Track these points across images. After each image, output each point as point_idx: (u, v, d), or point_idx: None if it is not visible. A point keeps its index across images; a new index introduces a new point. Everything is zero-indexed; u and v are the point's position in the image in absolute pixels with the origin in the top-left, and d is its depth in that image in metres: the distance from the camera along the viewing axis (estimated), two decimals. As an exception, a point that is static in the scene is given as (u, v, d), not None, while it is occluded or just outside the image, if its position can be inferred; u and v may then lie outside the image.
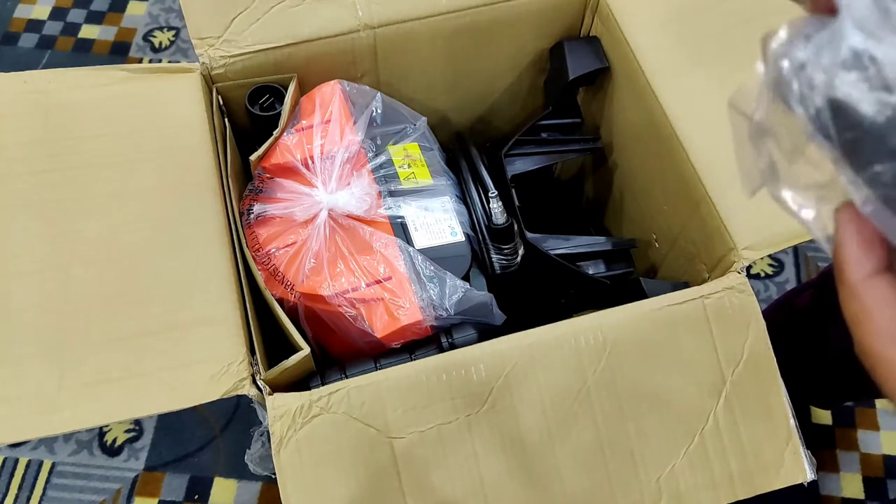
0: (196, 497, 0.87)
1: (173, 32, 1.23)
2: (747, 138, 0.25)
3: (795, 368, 0.70)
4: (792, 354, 0.71)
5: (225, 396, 0.44)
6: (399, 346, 0.51)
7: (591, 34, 0.66)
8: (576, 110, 0.71)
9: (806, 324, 0.73)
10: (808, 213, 0.24)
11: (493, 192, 0.58)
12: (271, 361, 0.47)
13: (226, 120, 0.58)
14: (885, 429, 0.95)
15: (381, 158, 0.56)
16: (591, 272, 0.61)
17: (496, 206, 0.57)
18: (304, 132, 0.56)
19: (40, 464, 0.88)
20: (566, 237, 0.61)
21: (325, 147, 0.55)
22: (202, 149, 0.53)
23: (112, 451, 0.89)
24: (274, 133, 0.56)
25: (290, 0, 0.57)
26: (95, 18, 1.25)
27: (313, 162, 0.54)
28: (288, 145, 0.55)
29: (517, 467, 0.44)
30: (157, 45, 1.22)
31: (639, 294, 0.53)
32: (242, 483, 0.88)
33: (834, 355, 0.68)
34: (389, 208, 0.54)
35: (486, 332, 0.49)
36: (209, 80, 0.57)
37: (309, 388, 0.45)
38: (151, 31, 1.23)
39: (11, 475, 0.88)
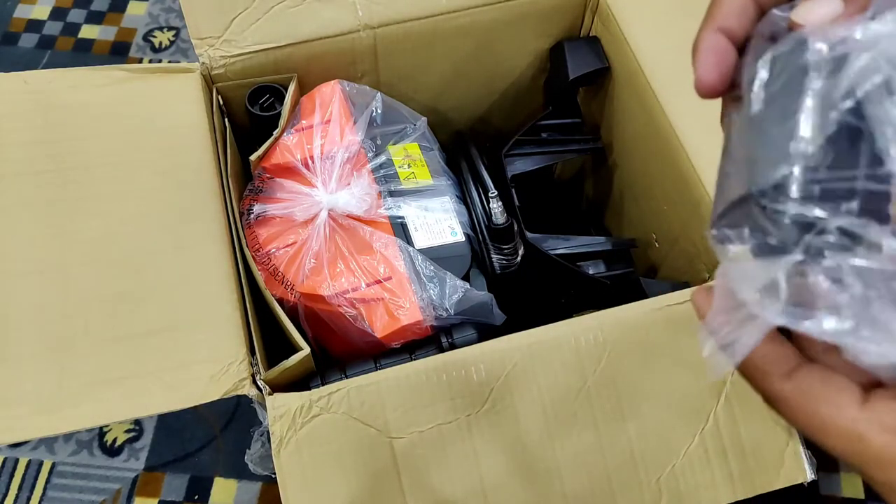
0: (196, 497, 0.87)
1: (173, 32, 1.23)
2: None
3: None
4: None
5: (225, 396, 0.44)
6: (399, 346, 0.51)
7: (591, 34, 0.66)
8: (576, 110, 0.71)
9: None
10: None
11: (493, 192, 0.58)
12: (271, 361, 0.47)
13: (226, 120, 0.58)
14: (885, 429, 0.95)
15: (381, 158, 0.56)
16: (591, 272, 0.61)
17: (496, 206, 0.57)
18: (304, 132, 0.56)
19: (40, 464, 0.88)
20: (566, 237, 0.61)
21: (325, 147, 0.55)
22: (202, 149, 0.53)
23: (112, 451, 0.89)
24: (274, 133, 0.56)
25: (290, 0, 0.57)
26: (95, 18, 1.24)
27: (313, 162, 0.54)
28: (288, 145, 0.55)
29: (517, 467, 0.44)
30: (157, 45, 1.22)
31: (639, 294, 0.53)
32: (242, 483, 0.88)
33: None
34: (389, 208, 0.54)
35: (486, 332, 0.49)
36: (209, 80, 0.57)
37: (309, 388, 0.45)
38: (151, 31, 1.23)
39: (11, 475, 0.87)
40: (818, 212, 0.19)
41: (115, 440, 0.90)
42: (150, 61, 1.21)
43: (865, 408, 0.20)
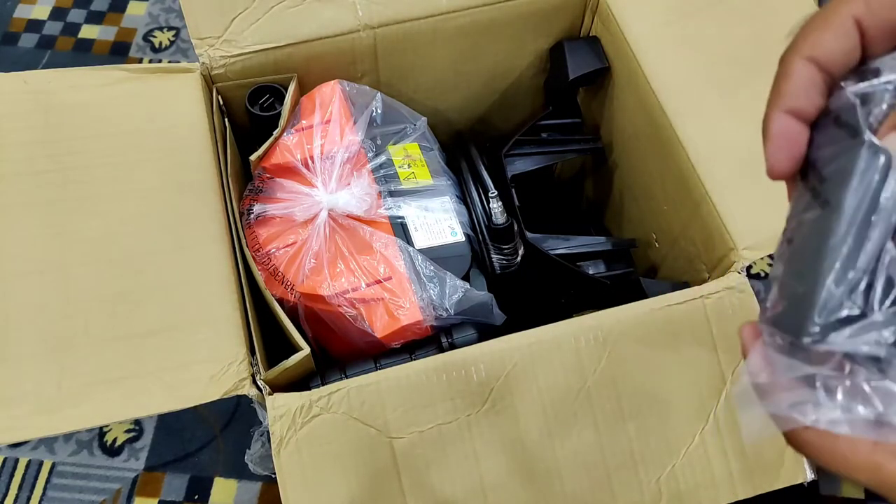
0: (196, 497, 0.87)
1: (173, 32, 1.23)
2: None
3: None
4: None
5: (225, 396, 0.44)
6: (399, 346, 0.51)
7: (591, 34, 0.66)
8: (576, 110, 0.70)
9: None
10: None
11: (493, 192, 0.58)
12: (271, 361, 0.47)
13: (226, 120, 0.58)
14: (885, 429, 0.95)
15: (381, 158, 0.56)
16: (591, 272, 0.61)
17: (496, 206, 0.57)
18: (304, 132, 0.56)
19: (40, 464, 0.88)
20: (566, 237, 0.61)
21: (325, 147, 0.55)
22: (202, 149, 0.53)
23: (112, 451, 0.89)
24: (274, 133, 0.56)
25: (290, 0, 0.57)
26: (95, 18, 1.24)
27: (313, 162, 0.54)
28: (288, 145, 0.55)
29: (517, 467, 0.44)
30: (157, 45, 1.22)
31: (639, 294, 0.53)
32: (242, 483, 0.88)
33: None
34: (389, 208, 0.54)
35: (486, 332, 0.49)
36: (209, 80, 0.57)
37: (309, 388, 0.45)
38: (151, 31, 1.23)
39: (11, 475, 0.87)
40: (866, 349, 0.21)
41: (115, 440, 0.90)
42: (150, 61, 1.21)
43: (878, 441, 0.22)
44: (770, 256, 0.97)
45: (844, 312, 0.21)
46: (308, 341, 0.47)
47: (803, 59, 0.23)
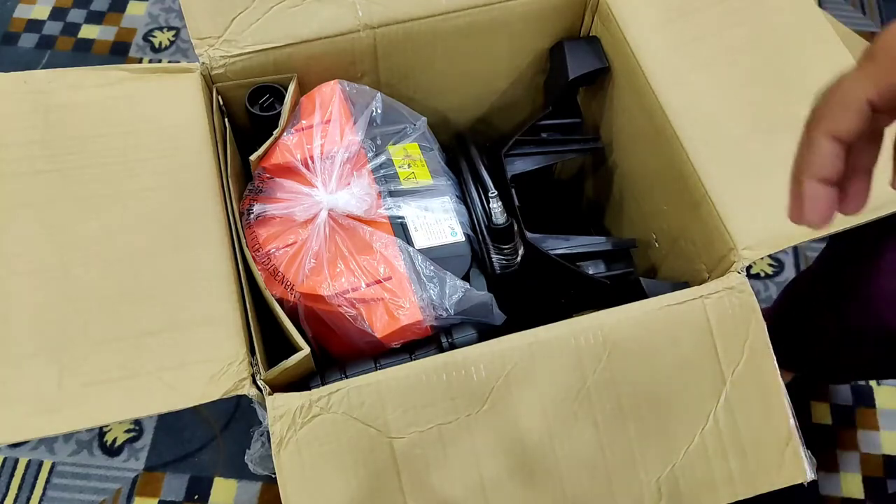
0: (196, 497, 0.87)
1: (173, 32, 1.23)
2: None
3: (811, 344, 0.70)
4: (807, 330, 0.70)
5: (225, 396, 0.44)
6: (399, 346, 0.51)
7: (591, 34, 0.66)
8: (576, 110, 0.71)
9: (818, 299, 0.72)
10: None
11: (493, 192, 0.58)
12: (271, 361, 0.47)
13: (226, 120, 0.58)
14: (884, 429, 0.95)
15: (381, 158, 0.56)
16: (591, 272, 0.61)
17: (496, 206, 0.57)
18: (304, 132, 0.56)
19: (40, 464, 0.88)
20: (566, 237, 0.61)
21: (325, 147, 0.55)
22: (202, 149, 0.53)
23: (112, 451, 0.89)
24: (274, 133, 0.56)
25: (290, 0, 0.57)
26: (95, 18, 1.25)
27: (313, 162, 0.54)
28: (288, 145, 0.55)
29: (517, 467, 0.44)
30: (157, 45, 1.22)
31: (639, 294, 0.53)
32: (242, 483, 0.88)
33: (850, 331, 0.67)
34: (389, 208, 0.54)
35: (486, 332, 0.49)
36: (209, 80, 0.57)
37: (309, 388, 0.45)
38: (151, 31, 1.23)
39: (11, 475, 0.87)
40: None
41: (115, 440, 0.90)
42: (150, 61, 1.21)
43: None
44: (770, 256, 0.97)
45: None
46: (308, 341, 0.47)
47: (827, 136, 0.30)
